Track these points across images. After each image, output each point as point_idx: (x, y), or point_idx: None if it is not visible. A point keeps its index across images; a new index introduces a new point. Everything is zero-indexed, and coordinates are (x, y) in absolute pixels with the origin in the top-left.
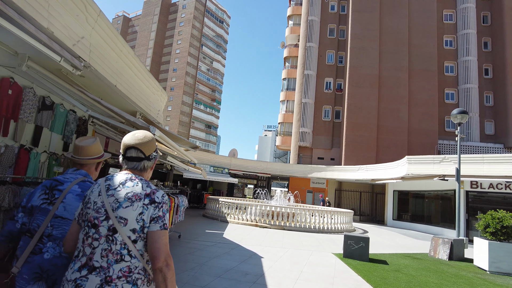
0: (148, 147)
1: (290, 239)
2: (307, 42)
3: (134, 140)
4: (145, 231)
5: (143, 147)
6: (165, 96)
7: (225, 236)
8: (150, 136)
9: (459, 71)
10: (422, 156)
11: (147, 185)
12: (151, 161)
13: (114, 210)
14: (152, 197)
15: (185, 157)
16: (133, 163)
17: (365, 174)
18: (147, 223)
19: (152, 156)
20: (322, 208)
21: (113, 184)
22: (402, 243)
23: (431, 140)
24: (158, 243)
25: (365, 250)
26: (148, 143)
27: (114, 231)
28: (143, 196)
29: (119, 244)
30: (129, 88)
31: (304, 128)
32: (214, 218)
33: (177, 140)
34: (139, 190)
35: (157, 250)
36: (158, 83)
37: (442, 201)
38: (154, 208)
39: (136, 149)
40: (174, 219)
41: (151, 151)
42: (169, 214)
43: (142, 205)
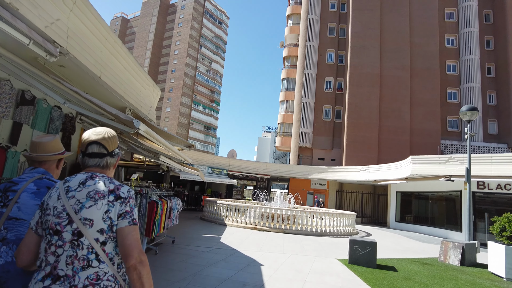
0: (111, 142)
1: (291, 244)
2: (307, 41)
3: (96, 135)
4: (115, 229)
5: (106, 142)
6: (157, 91)
7: (222, 241)
8: (112, 132)
9: (461, 70)
10: (427, 156)
11: (110, 181)
12: (114, 157)
13: (77, 212)
14: (116, 193)
15: (178, 156)
16: (95, 160)
17: (367, 175)
18: (115, 220)
19: (115, 153)
20: (323, 210)
21: (72, 185)
22: (408, 247)
23: (433, 140)
24: (129, 239)
25: (373, 256)
26: (111, 138)
27: (79, 235)
28: (106, 193)
29: (86, 248)
30: (116, 81)
31: (304, 129)
32: (211, 221)
33: (171, 138)
34: (101, 187)
35: (128, 247)
36: (149, 77)
37: (447, 203)
38: (120, 204)
39: (98, 144)
40: (167, 223)
41: (114, 147)
42: (154, 214)
43: (107, 202)
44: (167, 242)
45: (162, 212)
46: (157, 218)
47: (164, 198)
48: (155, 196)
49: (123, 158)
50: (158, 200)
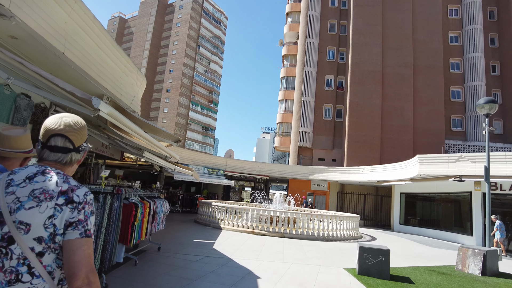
0: (79, 135)
1: (292, 250)
2: (306, 38)
3: (62, 125)
4: (58, 240)
5: (73, 135)
6: (142, 79)
7: (215, 247)
8: (81, 122)
9: (465, 68)
10: (435, 155)
11: (64, 180)
12: (81, 153)
13: (12, 213)
14: (69, 195)
15: (160, 150)
16: (58, 155)
17: (371, 175)
18: (60, 229)
19: (82, 148)
20: (325, 212)
21: (17, 178)
22: (418, 252)
23: (437, 139)
24: (77, 255)
25: (385, 265)
26: (80, 131)
27: (9, 240)
28: (56, 194)
29: (16, 258)
30: (87, 61)
31: (304, 128)
32: (206, 224)
33: (156, 132)
34: (52, 186)
35: (75, 264)
36: (132, 62)
37: (456, 205)
38: (71, 210)
39: (63, 137)
40: (149, 229)
41: (81, 141)
42: (133, 219)
43: (54, 205)
44: (152, 250)
45: (144, 216)
46: (137, 223)
47: (147, 199)
48: (135, 197)
49: (112, 157)
50: (138, 202)
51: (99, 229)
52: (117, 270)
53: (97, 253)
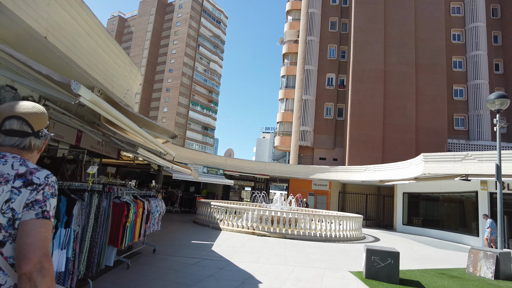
0: (38, 119)
1: (294, 252)
2: (307, 36)
3: (18, 107)
4: (17, 225)
5: (31, 118)
6: (137, 72)
7: (214, 249)
8: (41, 108)
9: (468, 66)
10: (440, 153)
11: (21, 163)
12: (41, 139)
13: None
14: (28, 177)
15: (155, 147)
16: (14, 139)
17: (373, 175)
18: (19, 213)
19: (42, 133)
20: (328, 212)
21: None
22: (424, 254)
23: (440, 139)
24: (31, 236)
25: (394, 268)
26: (38, 115)
27: None
28: (11, 178)
29: None
30: (74, 48)
31: (304, 127)
32: (205, 224)
33: (150, 127)
34: (6, 169)
35: (27, 246)
36: (125, 53)
37: (461, 205)
38: (30, 192)
39: (19, 120)
40: (143, 230)
41: (41, 126)
42: (125, 219)
43: (10, 189)
44: (147, 252)
45: (137, 216)
46: (129, 224)
47: (141, 199)
48: (128, 196)
49: (108, 156)
50: (131, 201)
51: (85, 230)
52: (107, 274)
53: (83, 257)
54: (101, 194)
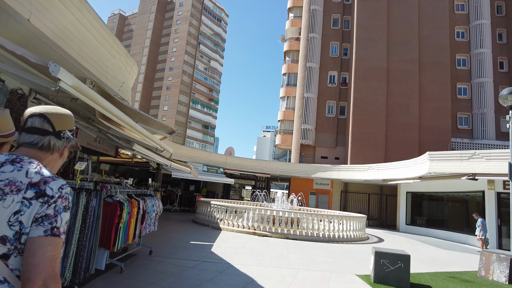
0: (61, 119)
1: (297, 253)
2: (309, 33)
3: (43, 108)
4: (24, 240)
5: (54, 117)
6: (133, 65)
7: (213, 250)
8: (67, 111)
9: (472, 64)
10: (446, 152)
11: (37, 171)
12: (62, 141)
13: None
14: (41, 187)
15: (151, 142)
16: (33, 137)
17: (376, 174)
18: (27, 227)
19: (64, 135)
20: (330, 212)
21: None
22: (431, 255)
23: (443, 138)
24: (38, 256)
25: (405, 272)
26: (62, 116)
27: None
28: (24, 187)
29: None
30: (63, 35)
31: (306, 125)
32: (204, 224)
33: (147, 122)
34: (20, 177)
35: (32, 268)
36: (120, 43)
37: (466, 204)
38: (41, 205)
39: (41, 117)
40: (138, 231)
41: (64, 127)
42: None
43: (21, 199)
44: (142, 254)
45: (131, 216)
46: (123, 225)
47: (136, 198)
48: (122, 195)
49: (106, 154)
50: (125, 200)
51: (71, 232)
52: (98, 279)
53: (69, 262)
54: (90, 193)
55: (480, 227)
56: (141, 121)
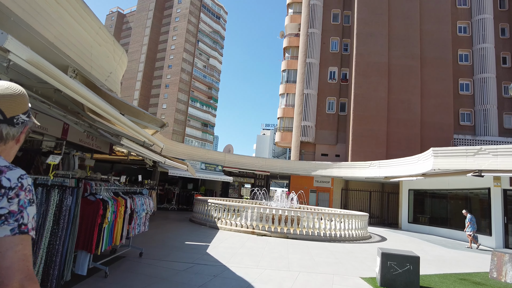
0: (12, 103)
1: (298, 254)
2: (309, 28)
3: None
4: None
5: (2, 101)
6: (121, 53)
7: (209, 252)
8: (18, 88)
9: (475, 59)
10: (451, 148)
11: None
12: (17, 128)
13: None
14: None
15: (138, 136)
16: None
17: (378, 171)
18: None
19: (18, 120)
20: (332, 210)
21: None
22: (436, 255)
23: (446, 134)
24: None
25: (414, 275)
26: (12, 98)
27: None
28: None
29: None
30: (38, 15)
31: (306, 122)
32: (201, 223)
33: (136, 115)
34: None
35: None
36: (106, 30)
37: (471, 202)
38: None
39: None
40: (125, 232)
41: (16, 111)
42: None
43: None
44: (132, 256)
45: (117, 216)
46: (107, 225)
47: (123, 196)
48: (107, 193)
49: (99, 151)
50: (109, 198)
51: (40, 235)
52: (78, 286)
53: (37, 269)
54: (64, 190)
55: (468, 223)
56: (130, 113)
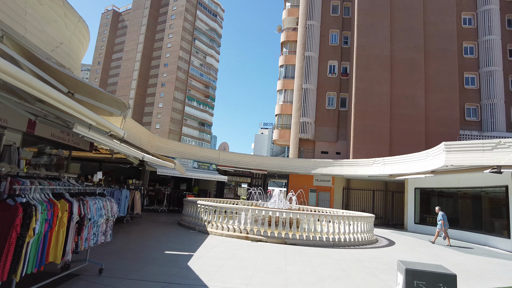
0: None
1: (298, 265)
2: (307, 20)
3: None
4: None
5: None
6: (77, 22)
7: (191, 265)
8: None
9: (480, 52)
10: (465, 142)
11: None
12: None
13: None
14: None
15: (84, 118)
16: None
17: (382, 168)
18: None
19: None
20: (334, 211)
21: None
22: (456, 262)
23: (451, 130)
24: None
25: None
26: None
27: None
28: None
29: None
30: None
31: (305, 118)
32: (190, 227)
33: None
34: None
35: None
36: None
37: (485, 201)
38: None
39: None
40: (71, 245)
41: None
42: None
43: None
44: (90, 272)
45: (55, 225)
46: (33, 239)
47: (68, 198)
48: (40, 194)
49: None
50: (41, 202)
51: None
52: None
53: None
54: None
55: (442, 220)
56: (87, 94)
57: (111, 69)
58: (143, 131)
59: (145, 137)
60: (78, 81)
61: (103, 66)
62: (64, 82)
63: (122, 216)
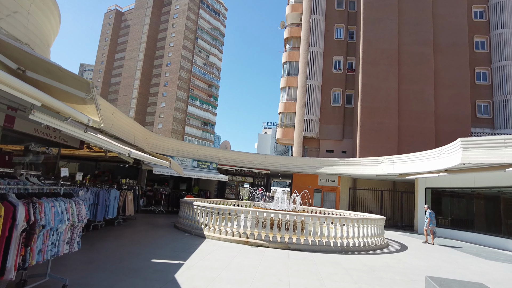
0: None
1: (302, 276)
2: (311, 15)
3: None
4: None
5: None
6: None
7: (178, 277)
8: None
9: (492, 46)
10: (485, 137)
11: None
12: None
13: None
14: None
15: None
16: None
17: (391, 167)
18: None
19: None
20: (341, 213)
21: None
22: (479, 271)
23: (463, 127)
24: None
25: None
26: None
27: None
28: None
29: None
30: None
31: (309, 115)
32: (186, 230)
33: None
34: None
35: None
36: None
37: (504, 202)
38: None
39: None
40: (20, 259)
41: None
42: None
43: None
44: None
45: None
46: None
47: (11, 200)
48: None
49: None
50: None
51: None
52: None
53: None
54: None
55: (428, 219)
56: (46, 74)
57: (114, 68)
58: (137, 127)
59: (140, 134)
60: (33, 56)
61: (106, 66)
62: (18, 59)
63: (113, 219)
